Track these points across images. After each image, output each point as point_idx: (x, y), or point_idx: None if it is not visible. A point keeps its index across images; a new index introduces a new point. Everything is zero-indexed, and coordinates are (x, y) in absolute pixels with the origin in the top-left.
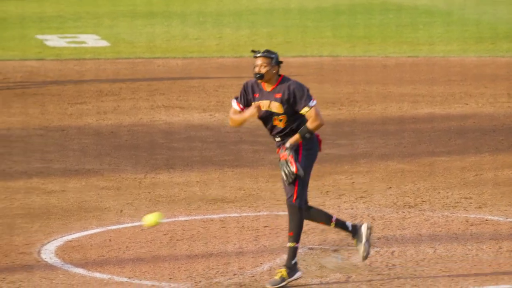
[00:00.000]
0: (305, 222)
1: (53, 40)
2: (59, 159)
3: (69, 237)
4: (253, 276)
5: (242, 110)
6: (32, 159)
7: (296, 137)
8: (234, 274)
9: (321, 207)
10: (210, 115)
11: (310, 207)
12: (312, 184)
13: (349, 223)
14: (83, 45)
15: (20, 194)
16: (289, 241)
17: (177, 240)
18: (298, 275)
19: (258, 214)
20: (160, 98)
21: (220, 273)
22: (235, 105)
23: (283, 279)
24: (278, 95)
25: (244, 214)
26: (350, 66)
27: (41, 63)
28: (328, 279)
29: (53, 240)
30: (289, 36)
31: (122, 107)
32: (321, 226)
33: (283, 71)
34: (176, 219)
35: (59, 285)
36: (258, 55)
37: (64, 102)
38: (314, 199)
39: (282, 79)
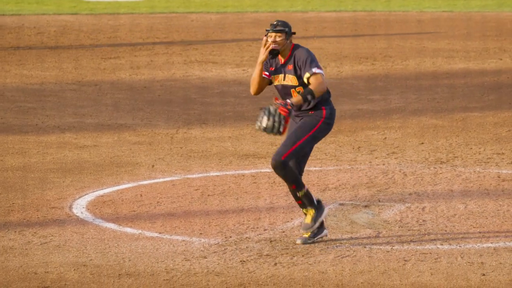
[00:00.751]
0: (340, 181)
1: None
2: (91, 114)
3: (101, 192)
4: (284, 232)
5: (268, 76)
6: (65, 114)
7: (298, 97)
8: (265, 230)
9: (352, 163)
10: (243, 70)
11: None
12: (344, 139)
13: (315, 197)
14: None
15: (53, 149)
16: (298, 192)
17: (208, 195)
18: (327, 211)
19: None
20: (194, 53)
21: (251, 228)
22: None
23: (314, 220)
24: (290, 67)
25: None
26: (384, 21)
27: (75, 17)
28: (359, 234)
29: (85, 194)
30: None
31: (156, 62)
32: (352, 182)
33: (318, 25)
34: (208, 174)
35: (90, 240)
36: (271, 30)
37: (98, 57)
38: (345, 155)
39: (293, 49)
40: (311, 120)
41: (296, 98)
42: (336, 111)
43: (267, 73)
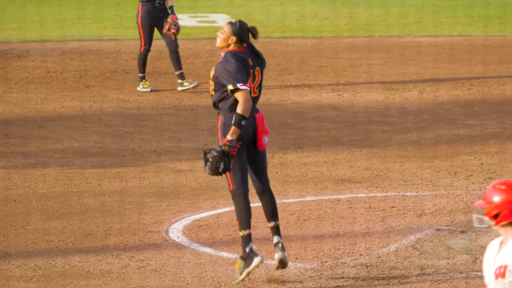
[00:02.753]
0: (437, 206)
1: (184, 20)
2: (188, 138)
3: (197, 216)
4: (380, 257)
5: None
6: (162, 138)
7: (232, 129)
8: (361, 255)
9: (449, 188)
10: (339, 95)
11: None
12: (440, 164)
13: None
14: (214, 24)
15: (150, 173)
16: (239, 229)
17: (304, 220)
18: (258, 261)
19: (386, 194)
20: (289, 77)
21: (347, 253)
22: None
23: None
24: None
25: (372, 194)
26: (481, 46)
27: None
28: (456, 260)
29: (181, 219)
30: (420, 16)
31: None
32: (449, 207)
33: (414, 50)
34: (304, 199)
35: (186, 264)
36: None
37: (195, 81)
38: (442, 180)
39: (227, 52)
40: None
41: (232, 132)
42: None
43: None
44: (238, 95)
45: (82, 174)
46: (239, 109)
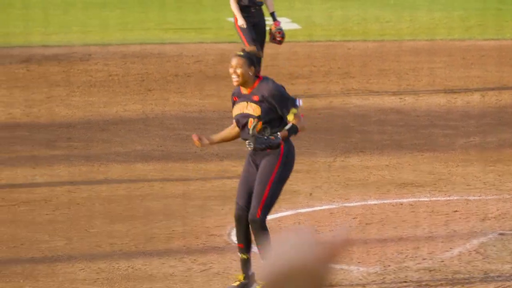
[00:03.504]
0: (500, 210)
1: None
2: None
3: None
4: (443, 261)
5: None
6: (224, 143)
7: (284, 132)
8: (424, 259)
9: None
10: (401, 98)
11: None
12: (504, 168)
13: (251, 272)
14: None
15: (212, 176)
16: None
17: (367, 224)
18: None
19: (449, 198)
20: (351, 81)
21: (410, 257)
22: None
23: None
24: (256, 98)
25: (434, 198)
26: None
27: (234, 45)
28: None
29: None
30: (482, 19)
31: (313, 90)
32: (511, 211)
33: (476, 54)
34: (366, 202)
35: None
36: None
37: None
38: (505, 184)
39: (261, 81)
40: (270, 160)
41: (284, 135)
42: (295, 147)
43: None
44: (295, 116)
45: (144, 177)
46: (298, 124)
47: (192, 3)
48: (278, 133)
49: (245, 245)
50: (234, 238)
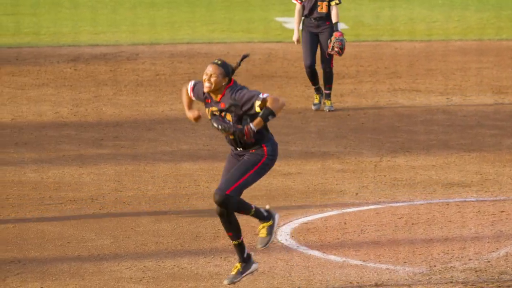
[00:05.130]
0: None
1: (292, 23)
2: (295, 141)
3: (305, 219)
4: (489, 262)
5: (190, 98)
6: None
7: (258, 120)
8: (470, 259)
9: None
10: (447, 98)
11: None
12: None
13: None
14: None
15: None
16: (249, 214)
17: (413, 224)
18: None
19: (495, 199)
20: (398, 81)
21: (456, 257)
22: (188, 88)
23: (269, 233)
24: (223, 105)
25: (481, 198)
26: None
27: (280, 45)
28: None
29: (289, 222)
30: None
31: (360, 89)
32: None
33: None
34: (412, 203)
35: (294, 267)
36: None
37: (302, 85)
38: None
39: (228, 88)
40: (253, 157)
41: (257, 122)
42: (277, 145)
43: (192, 95)
44: (268, 101)
45: (191, 177)
46: (270, 105)
47: (240, 2)
48: (251, 124)
49: (233, 232)
50: (279, 237)
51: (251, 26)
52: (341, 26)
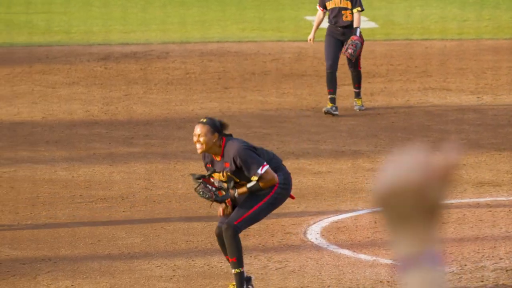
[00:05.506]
0: None
1: (324, 22)
2: (326, 140)
3: (335, 218)
4: None
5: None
6: (300, 140)
7: (244, 189)
8: (501, 259)
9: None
10: (478, 97)
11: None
12: None
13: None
14: None
15: None
16: (233, 268)
17: (443, 223)
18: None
19: None
20: (428, 80)
21: (486, 257)
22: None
23: None
24: (227, 165)
25: None
26: None
27: (310, 44)
28: None
29: (319, 220)
30: None
31: (390, 88)
32: None
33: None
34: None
35: (324, 266)
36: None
37: None
38: None
39: (225, 144)
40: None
41: (243, 191)
42: (290, 174)
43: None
44: (265, 176)
45: None
46: (262, 184)
47: (271, 1)
48: (235, 190)
49: (238, 259)
50: (309, 236)
51: (281, 25)
52: (372, 24)
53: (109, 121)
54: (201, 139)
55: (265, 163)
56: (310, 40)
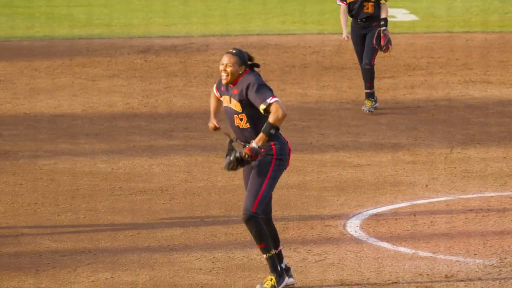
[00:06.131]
0: None
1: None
2: (366, 133)
3: (375, 211)
4: None
5: (219, 97)
6: (340, 133)
7: (260, 135)
8: None
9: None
10: None
11: (270, 220)
12: None
13: (283, 265)
14: (393, 19)
15: (328, 167)
16: (264, 253)
17: (483, 215)
18: (291, 282)
19: None
20: (469, 73)
21: None
22: (214, 89)
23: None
24: (235, 91)
25: None
26: None
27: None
28: None
29: (359, 213)
30: None
31: (430, 81)
32: None
33: None
34: (482, 194)
35: (364, 259)
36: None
37: None
38: None
39: (244, 75)
40: (263, 165)
41: (260, 138)
42: (287, 143)
43: (218, 94)
44: (273, 108)
45: None
46: (271, 119)
47: None
48: (253, 142)
49: (266, 243)
50: (349, 228)
51: (322, 18)
52: (412, 17)
53: (149, 113)
54: (228, 69)
55: (275, 96)
56: (345, 38)
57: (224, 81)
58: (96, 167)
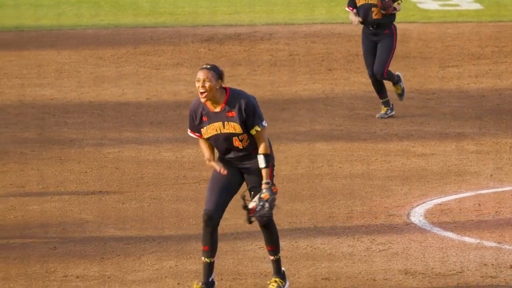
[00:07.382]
0: None
1: (427, 3)
2: (430, 122)
3: (439, 200)
4: None
5: (200, 136)
6: (403, 122)
7: (265, 173)
8: None
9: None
10: None
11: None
12: None
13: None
14: (457, 8)
15: (391, 156)
16: (273, 255)
17: None
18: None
19: None
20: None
21: None
22: (192, 135)
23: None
24: (233, 114)
25: None
26: None
27: (414, 26)
28: None
29: (423, 203)
30: None
31: (494, 70)
32: None
33: None
34: None
35: (428, 248)
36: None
37: (436, 65)
38: None
39: (230, 94)
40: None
41: (266, 175)
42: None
43: (197, 134)
44: (263, 133)
45: (324, 157)
46: (265, 149)
47: None
48: (264, 183)
49: (210, 248)
50: (413, 218)
51: None
52: (476, 6)
53: None
54: (206, 84)
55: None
56: (356, 22)
57: (202, 98)
58: (161, 155)
